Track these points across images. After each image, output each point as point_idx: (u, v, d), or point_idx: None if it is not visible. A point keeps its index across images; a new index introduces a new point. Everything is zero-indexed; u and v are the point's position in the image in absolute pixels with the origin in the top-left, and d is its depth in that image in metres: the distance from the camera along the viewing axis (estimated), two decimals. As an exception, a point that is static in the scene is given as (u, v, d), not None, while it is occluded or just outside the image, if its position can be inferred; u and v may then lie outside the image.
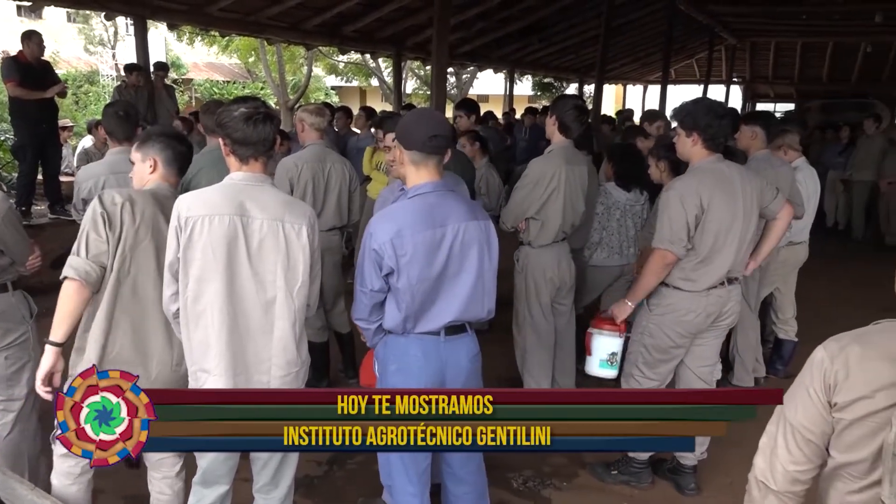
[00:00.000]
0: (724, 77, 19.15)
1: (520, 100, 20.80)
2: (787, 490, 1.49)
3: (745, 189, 3.01)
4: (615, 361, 3.13)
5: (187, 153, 2.61)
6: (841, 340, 1.46)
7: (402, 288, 2.30)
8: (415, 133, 2.32)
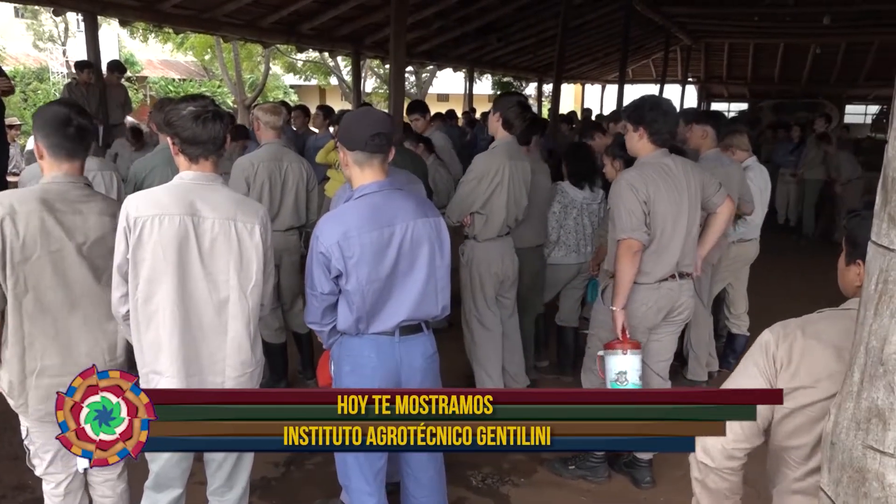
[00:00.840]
0: (679, 77, 19.48)
1: (480, 99, 20.86)
2: (724, 466, 1.53)
3: (689, 182, 3.08)
4: (625, 380, 3.01)
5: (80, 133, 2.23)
6: (787, 327, 1.50)
7: (351, 290, 2.29)
8: (356, 133, 2.31)
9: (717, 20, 14.61)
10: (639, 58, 19.69)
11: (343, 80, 21.83)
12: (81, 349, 2.27)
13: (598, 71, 19.77)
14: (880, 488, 1.19)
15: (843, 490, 1.23)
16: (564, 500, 3.25)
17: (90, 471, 2.42)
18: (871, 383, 1.19)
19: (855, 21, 13.28)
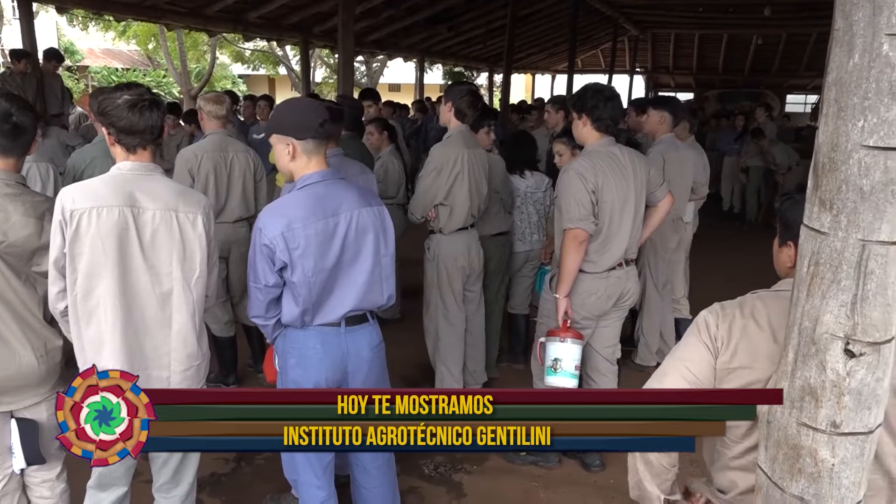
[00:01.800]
0: (628, 67, 19.75)
1: (431, 88, 20.82)
2: None
3: (636, 172, 3.12)
4: (559, 368, 3.06)
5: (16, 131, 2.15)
6: (725, 308, 1.53)
7: (297, 281, 2.26)
8: (306, 121, 2.27)
9: (663, 11, 14.86)
10: (588, 48, 19.89)
11: (292, 69, 21.52)
12: (13, 353, 2.20)
13: (547, 61, 19.91)
14: (813, 464, 1.23)
15: (779, 466, 1.27)
16: (516, 486, 3.28)
17: (27, 471, 2.34)
18: (804, 363, 1.22)
19: (794, 13, 13.65)
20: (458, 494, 3.22)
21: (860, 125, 1.11)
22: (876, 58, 1.08)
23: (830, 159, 1.16)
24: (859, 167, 1.12)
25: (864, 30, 1.08)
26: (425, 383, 4.33)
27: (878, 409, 1.21)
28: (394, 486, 2.66)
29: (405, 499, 3.12)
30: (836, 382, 1.19)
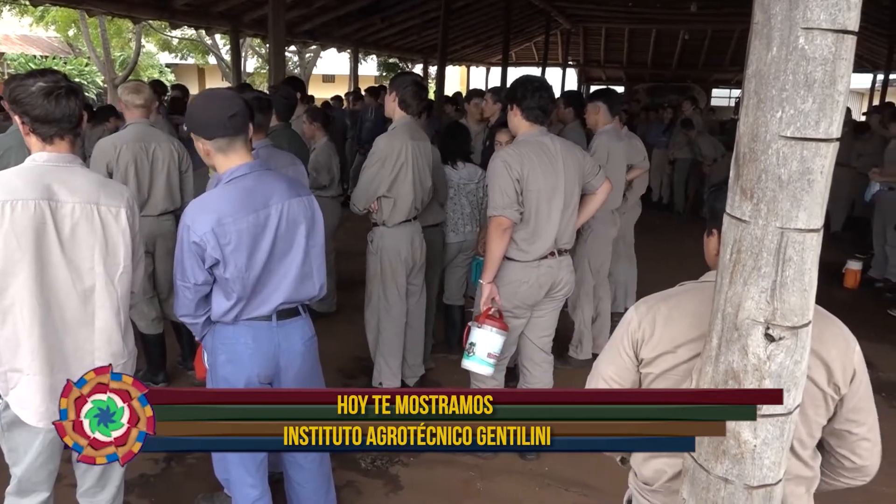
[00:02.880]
0: (560, 60, 20.03)
1: (366, 80, 20.62)
2: None
3: (566, 162, 3.16)
4: (472, 352, 3.12)
5: None
6: (649, 301, 1.57)
7: (231, 277, 2.20)
8: (211, 119, 2.18)
9: (594, 5, 15.10)
10: (521, 41, 20.08)
11: (222, 59, 21.00)
12: None
13: (482, 53, 20.01)
14: (736, 445, 1.27)
15: (704, 449, 1.31)
16: (453, 476, 3.29)
17: None
18: (727, 348, 1.26)
19: (719, 10, 14.09)
20: (394, 487, 3.21)
21: (778, 116, 1.14)
22: (793, 51, 1.11)
23: (751, 149, 1.19)
24: (778, 157, 1.16)
25: (782, 23, 1.12)
26: (362, 376, 4.30)
27: (797, 391, 1.26)
28: (328, 480, 2.63)
29: (342, 493, 3.09)
30: (758, 366, 1.22)
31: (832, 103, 1.13)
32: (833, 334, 1.46)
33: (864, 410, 1.50)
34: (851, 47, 1.13)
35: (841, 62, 1.12)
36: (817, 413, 1.46)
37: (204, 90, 2.61)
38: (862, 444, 1.52)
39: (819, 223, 1.19)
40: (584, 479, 3.21)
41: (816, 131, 1.14)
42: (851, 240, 8.51)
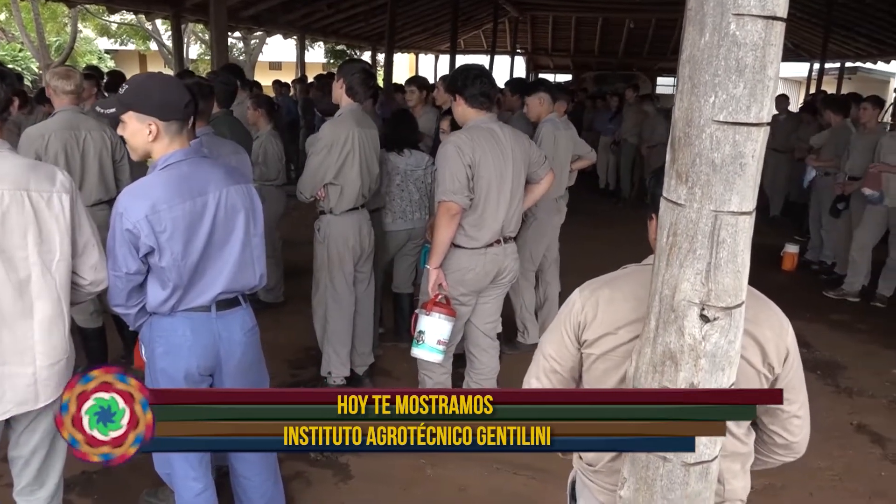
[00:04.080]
0: (509, 48, 20.10)
1: (313, 67, 20.35)
2: None
3: (515, 150, 3.18)
4: (421, 340, 3.14)
5: None
6: (592, 285, 1.59)
7: (166, 266, 2.14)
8: (170, 102, 2.13)
9: (541, -7, 15.19)
10: (469, 28, 20.07)
11: (164, 45, 20.44)
12: None
13: (430, 41, 19.96)
14: (674, 424, 1.29)
15: (644, 429, 1.33)
16: (404, 464, 3.29)
17: None
18: (664, 329, 1.28)
19: (661, -1, 14.33)
20: (344, 476, 3.20)
21: (711, 101, 1.16)
22: (724, 36, 1.13)
23: (685, 134, 1.21)
24: (711, 141, 1.18)
25: (714, 9, 1.13)
26: (311, 366, 4.26)
27: (731, 370, 1.29)
28: (275, 473, 2.60)
29: (291, 485, 3.07)
30: (693, 346, 1.25)
31: (763, 88, 1.16)
32: (767, 316, 1.50)
33: (795, 389, 1.55)
34: (780, 33, 1.15)
35: (770, 48, 1.14)
36: None
37: (150, 72, 2.51)
38: (793, 420, 1.57)
39: (751, 206, 1.22)
40: (532, 462, 3.25)
41: (748, 116, 1.16)
42: (790, 224, 8.79)
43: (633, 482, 1.37)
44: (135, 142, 2.16)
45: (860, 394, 4.35)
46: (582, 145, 4.91)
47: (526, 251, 4.45)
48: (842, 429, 3.81)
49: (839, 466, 3.45)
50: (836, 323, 5.59)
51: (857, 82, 19.33)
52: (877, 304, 5.97)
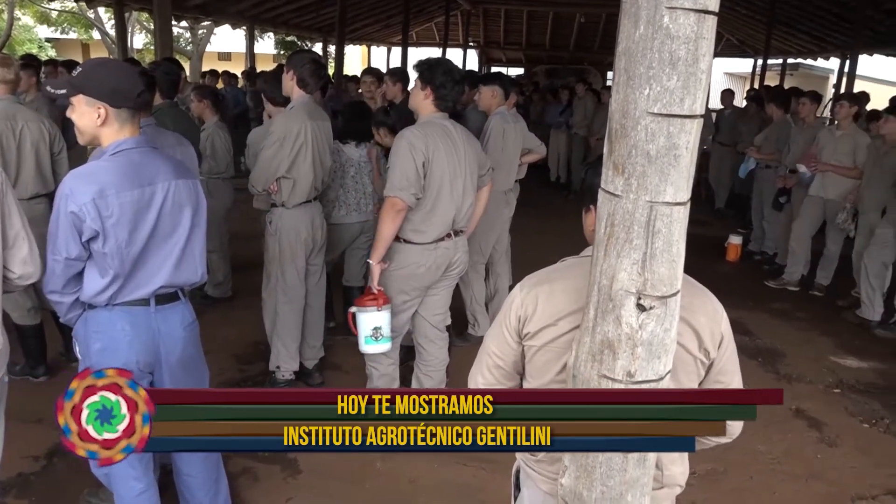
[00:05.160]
0: (461, 41, 20.10)
1: (263, 58, 20.05)
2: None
3: (466, 147, 3.19)
4: (380, 336, 3.15)
5: None
6: (532, 279, 1.61)
7: (109, 252, 2.09)
8: (124, 90, 2.10)
9: (493, -15, 15.22)
10: (422, 21, 20.00)
11: (107, 34, 19.87)
12: None
13: (382, 33, 19.82)
14: (613, 412, 1.31)
15: (584, 417, 1.35)
16: (352, 458, 3.26)
17: None
18: (602, 318, 1.30)
19: (612, -7, 14.48)
20: (293, 472, 3.17)
21: (646, 93, 1.18)
22: (658, 29, 1.15)
23: (622, 125, 1.22)
24: (646, 133, 1.19)
25: (648, 3, 1.15)
26: (259, 361, 4.21)
27: (667, 358, 1.31)
28: (218, 469, 2.56)
29: (238, 481, 3.03)
30: (630, 335, 1.27)
31: (695, 81, 1.17)
32: (702, 302, 1.54)
33: (729, 373, 1.59)
34: (712, 27, 1.17)
35: (703, 41, 1.16)
36: (689, 378, 1.54)
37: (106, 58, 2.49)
38: None
39: (685, 196, 1.24)
40: (481, 454, 3.26)
41: (681, 108, 1.18)
42: (734, 216, 9.02)
43: (574, 470, 1.39)
44: (82, 124, 2.12)
45: (799, 380, 4.50)
46: (531, 139, 4.95)
47: (475, 244, 4.46)
48: (781, 414, 3.93)
49: (778, 450, 3.57)
50: (776, 311, 5.77)
51: (799, 78, 19.89)
52: (815, 293, 6.18)
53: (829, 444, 3.69)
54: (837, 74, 14.03)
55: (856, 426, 3.93)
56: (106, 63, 2.28)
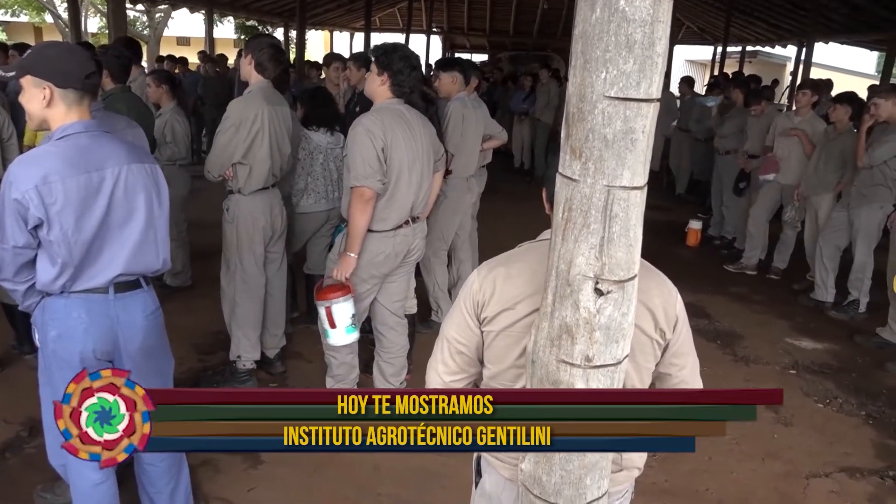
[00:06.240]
0: (425, 27, 19.98)
1: (223, 42, 19.69)
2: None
3: (423, 133, 3.17)
4: (356, 322, 3.17)
5: None
6: (490, 264, 1.61)
7: (55, 240, 2.03)
8: (71, 70, 2.04)
9: (455, -29, 15.14)
10: (385, 6, 19.84)
11: (59, 17, 19.30)
12: None
13: (345, 18, 19.59)
14: (571, 396, 1.31)
15: (543, 402, 1.35)
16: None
17: None
18: (560, 303, 1.30)
19: (574, -20, 14.51)
20: (254, 462, 3.13)
21: (603, 77, 1.17)
22: (614, 12, 1.14)
23: (579, 109, 1.21)
24: (603, 117, 1.19)
25: (604, -15, 1.14)
26: (220, 351, 4.15)
27: (625, 342, 1.32)
28: (180, 459, 2.52)
29: (198, 472, 2.99)
30: (588, 319, 1.27)
31: (651, 64, 1.17)
32: (657, 284, 1.55)
33: (684, 354, 1.61)
34: (668, 10, 1.17)
35: (659, 24, 1.16)
36: (646, 359, 1.55)
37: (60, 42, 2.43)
38: (682, 385, 1.63)
39: (642, 181, 1.24)
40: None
41: (638, 91, 1.18)
42: (694, 202, 9.15)
43: (533, 455, 1.39)
44: (30, 107, 2.08)
45: (756, 361, 4.60)
46: (492, 125, 4.94)
47: (437, 230, 4.45)
48: (739, 395, 4.00)
49: (736, 431, 3.63)
50: (735, 295, 5.87)
51: (757, 65, 20.22)
52: (772, 277, 6.31)
53: (785, 424, 3.78)
54: (794, 62, 14.29)
55: (810, 406, 4.03)
56: (55, 44, 2.24)
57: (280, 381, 3.98)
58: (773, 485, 3.26)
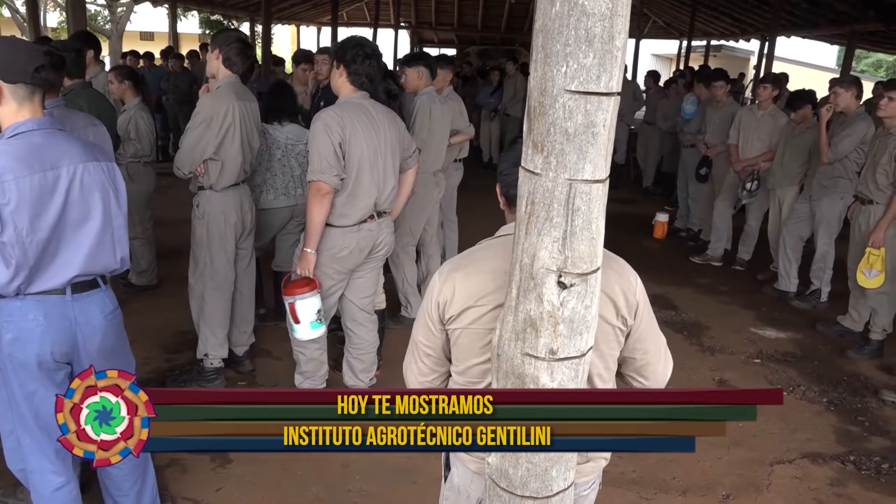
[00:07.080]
0: (392, 21, 19.88)
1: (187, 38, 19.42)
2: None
3: (388, 129, 3.15)
4: (322, 318, 3.17)
5: None
6: (452, 263, 1.62)
7: (9, 241, 1.98)
8: (17, 64, 2.00)
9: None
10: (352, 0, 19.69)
11: (17, 11, 18.85)
12: None
13: (311, 12, 19.41)
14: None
15: (508, 396, 1.35)
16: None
17: None
18: (525, 296, 1.30)
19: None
20: (223, 462, 3.10)
21: (563, 71, 1.17)
22: (574, 7, 1.14)
23: (540, 103, 1.22)
24: (564, 111, 1.19)
25: (564, -21, 1.14)
26: (187, 350, 4.10)
27: (589, 334, 1.33)
28: (145, 460, 2.49)
29: (165, 473, 2.95)
30: (552, 313, 1.28)
31: (611, 58, 1.18)
32: (616, 271, 1.57)
33: (647, 339, 1.63)
34: (627, 4, 1.17)
35: (618, 18, 1.16)
36: (610, 347, 1.57)
37: (6, 37, 2.37)
38: (647, 367, 1.66)
39: (604, 174, 1.25)
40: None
41: (598, 85, 1.18)
42: (661, 194, 9.25)
43: (500, 448, 1.39)
44: None
45: (721, 351, 4.67)
46: (460, 120, 4.94)
47: (405, 225, 4.45)
48: (705, 385, 4.07)
49: (702, 420, 3.69)
50: (700, 286, 5.96)
51: (722, 59, 20.52)
52: (737, 268, 6.41)
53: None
54: (757, 56, 14.51)
55: (774, 394, 4.10)
56: (1, 39, 2.20)
57: (249, 379, 3.94)
58: (739, 471, 3.32)
